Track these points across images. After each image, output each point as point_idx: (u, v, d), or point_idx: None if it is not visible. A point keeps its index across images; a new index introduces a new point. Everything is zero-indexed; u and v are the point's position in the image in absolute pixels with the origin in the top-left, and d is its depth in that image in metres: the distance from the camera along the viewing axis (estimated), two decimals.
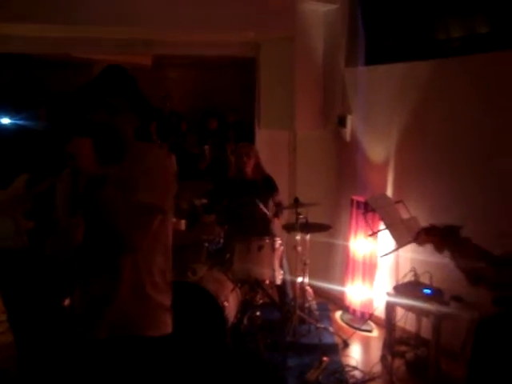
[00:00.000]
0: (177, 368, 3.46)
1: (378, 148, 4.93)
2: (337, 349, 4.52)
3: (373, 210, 3.58)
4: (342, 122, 5.24)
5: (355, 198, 4.90)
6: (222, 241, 4.79)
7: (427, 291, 4.06)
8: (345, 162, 5.36)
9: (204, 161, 7.38)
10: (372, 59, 5.09)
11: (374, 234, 3.61)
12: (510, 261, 2.29)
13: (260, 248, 4.38)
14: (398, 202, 3.78)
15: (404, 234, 3.20)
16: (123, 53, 5.83)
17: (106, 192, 1.92)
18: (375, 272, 4.93)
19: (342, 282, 5.27)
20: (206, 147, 7.48)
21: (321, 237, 4.92)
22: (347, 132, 5.20)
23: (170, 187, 2.13)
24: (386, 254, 3.99)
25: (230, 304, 4.26)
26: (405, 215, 3.60)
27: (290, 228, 4.69)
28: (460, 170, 4.18)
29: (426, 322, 4.15)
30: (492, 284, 2.33)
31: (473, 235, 2.41)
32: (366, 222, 4.26)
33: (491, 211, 3.41)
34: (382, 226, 3.97)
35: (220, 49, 5.89)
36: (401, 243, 3.14)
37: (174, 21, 4.82)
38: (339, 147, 5.40)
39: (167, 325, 2.23)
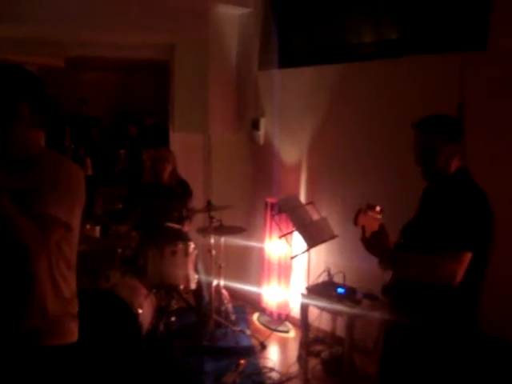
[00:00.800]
0: (89, 377, 3.37)
1: (291, 150, 4.99)
2: (254, 351, 4.52)
3: (283, 211, 3.61)
4: (255, 125, 5.27)
5: (269, 200, 4.93)
6: (136, 246, 4.69)
7: (340, 290, 4.13)
8: (259, 165, 5.39)
9: (119, 165, 7.23)
10: (285, 62, 5.14)
11: (284, 235, 3.63)
12: None
13: (173, 253, 4.35)
14: (308, 204, 3.83)
15: (314, 234, 3.24)
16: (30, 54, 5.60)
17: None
18: (290, 273, 4.97)
19: (259, 284, 5.29)
20: (122, 151, 7.33)
21: (236, 239, 4.92)
22: (261, 135, 5.23)
23: (77, 201, 2.05)
24: (297, 255, 4.03)
25: (145, 310, 4.17)
26: (315, 216, 3.65)
27: (203, 232, 4.66)
28: (369, 171, 4.30)
29: (340, 321, 4.23)
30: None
31: None
32: (276, 223, 4.30)
33: (400, 210, 3.46)
34: (292, 227, 4.01)
35: (133, 51, 5.79)
36: (311, 244, 3.18)
37: (83, 21, 4.69)
38: (253, 150, 5.42)
39: (73, 333, 2.15)
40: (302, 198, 4.77)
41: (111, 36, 5.23)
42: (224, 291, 4.87)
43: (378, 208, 2.38)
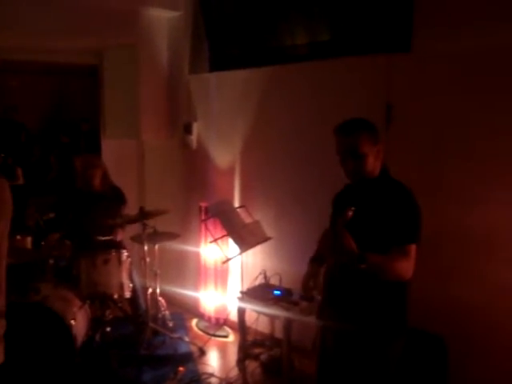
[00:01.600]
0: None
1: (224, 154, 4.98)
2: (193, 357, 4.48)
3: (214, 216, 3.59)
4: (187, 130, 5.22)
5: (203, 204, 4.90)
6: (69, 256, 4.56)
7: (277, 292, 4.15)
8: (193, 169, 5.35)
9: (51, 173, 7.02)
10: (216, 66, 5.13)
11: (215, 240, 3.61)
12: None
13: (106, 261, 4.26)
14: (240, 207, 3.83)
15: (246, 238, 3.23)
16: None
17: None
18: (227, 277, 4.96)
19: (196, 290, 5.25)
20: (53, 159, 7.12)
21: (172, 245, 4.87)
22: (193, 139, 5.19)
23: (1, 214, 1.96)
24: (229, 260, 4.02)
25: (79, 322, 4.06)
26: (247, 219, 3.64)
27: (137, 239, 4.58)
28: (302, 172, 4.34)
29: (278, 323, 4.24)
30: None
31: (310, 235, 2.50)
32: (207, 228, 4.28)
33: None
34: (224, 231, 3.99)
35: (62, 55, 5.64)
36: (243, 248, 3.17)
37: (8, 24, 4.54)
38: (186, 155, 5.37)
39: None
40: (236, 202, 4.78)
41: (38, 40, 5.06)
42: (161, 298, 4.80)
43: (350, 213, 2.26)
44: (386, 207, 2.36)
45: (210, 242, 4.60)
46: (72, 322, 3.93)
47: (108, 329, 4.35)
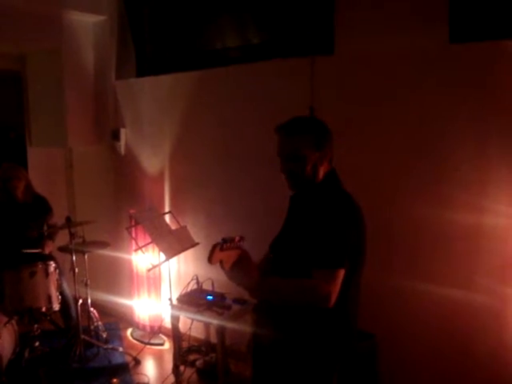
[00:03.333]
0: None
1: (153, 160, 4.93)
2: (128, 368, 4.40)
3: (138, 223, 3.54)
4: (115, 136, 5.13)
5: (132, 211, 4.82)
6: None
7: (210, 297, 4.13)
8: (122, 176, 5.26)
9: None
10: (143, 71, 5.06)
11: (139, 248, 3.56)
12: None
13: (32, 274, 4.13)
14: (166, 213, 3.79)
15: (172, 244, 3.19)
16: None
17: None
18: (160, 284, 4.90)
19: (130, 298, 5.17)
20: None
21: (103, 254, 4.77)
22: (122, 145, 5.11)
23: None
24: (155, 267, 3.97)
25: (4, 339, 3.90)
26: (174, 225, 3.61)
27: (65, 249, 4.46)
28: (232, 176, 4.34)
29: (213, 328, 4.23)
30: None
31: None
32: (132, 236, 4.22)
33: (268, 217, 3.47)
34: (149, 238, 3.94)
35: None
36: (169, 254, 3.13)
37: None
38: (115, 161, 5.28)
39: None
40: (166, 208, 4.74)
41: None
42: (92, 309, 4.69)
43: (236, 238, 2.06)
44: (314, 222, 2.11)
45: (135, 250, 4.54)
46: None
47: (37, 343, 4.23)
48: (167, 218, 4.26)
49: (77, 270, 4.35)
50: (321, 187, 2.22)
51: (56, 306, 4.29)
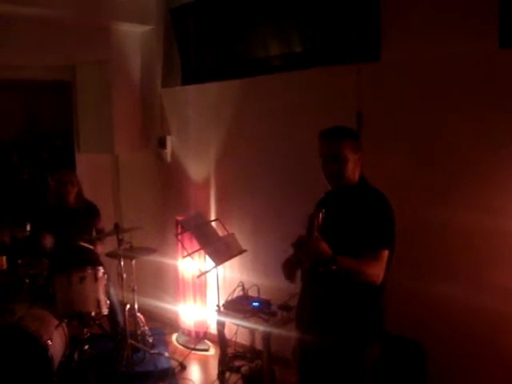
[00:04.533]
0: None
1: (199, 167, 4.98)
2: (173, 372, 4.44)
3: (186, 230, 3.57)
4: (161, 144, 5.22)
5: (179, 218, 4.87)
6: (46, 275, 4.50)
7: (255, 304, 4.15)
8: (168, 183, 5.34)
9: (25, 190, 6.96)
10: (188, 79, 5.14)
11: (189, 254, 3.60)
12: None
13: (82, 279, 4.20)
14: (214, 220, 3.82)
15: (221, 251, 3.22)
16: None
17: None
18: (206, 290, 4.94)
19: (175, 304, 5.22)
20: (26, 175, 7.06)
21: (150, 260, 4.84)
22: (168, 153, 5.19)
23: None
24: (204, 274, 4.00)
25: (55, 341, 4.01)
26: (222, 232, 3.64)
27: (113, 255, 4.54)
28: (278, 182, 4.35)
29: (259, 335, 4.23)
30: None
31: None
32: (181, 243, 4.26)
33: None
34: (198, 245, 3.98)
35: (33, 72, 5.58)
36: (218, 261, 3.16)
37: None
38: (161, 168, 5.37)
39: None
40: (212, 215, 4.78)
41: (9, 56, 4.99)
42: (139, 314, 4.75)
43: (320, 214, 2.31)
44: (361, 213, 2.42)
45: (184, 257, 4.58)
46: (48, 342, 3.87)
47: (86, 347, 4.29)
48: (214, 224, 4.29)
49: (124, 275, 4.43)
50: (360, 185, 2.54)
51: (105, 311, 4.35)
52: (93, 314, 4.27)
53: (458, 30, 3.28)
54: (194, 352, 4.82)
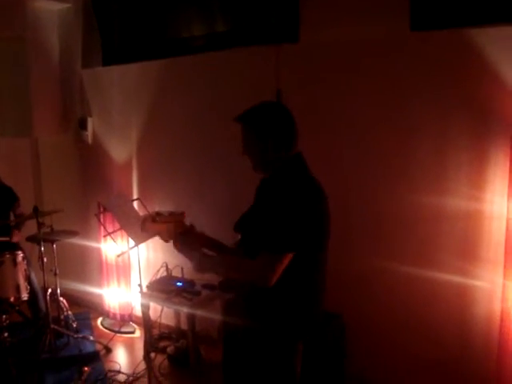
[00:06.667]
0: None
1: (120, 149, 4.92)
2: (98, 356, 4.41)
3: (107, 210, 3.54)
4: (82, 125, 5.10)
5: (101, 199, 4.81)
6: None
7: (179, 284, 4.17)
8: (89, 165, 5.24)
9: None
10: (109, 60, 5.03)
11: (108, 234, 3.57)
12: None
13: (0, 264, 4.08)
14: (135, 200, 3.80)
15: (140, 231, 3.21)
16: None
17: None
18: (130, 272, 4.91)
19: (100, 287, 5.17)
20: None
21: (72, 243, 4.76)
22: (89, 135, 5.08)
23: None
24: (123, 253, 3.98)
25: None
26: (142, 213, 3.63)
27: (33, 239, 4.43)
28: (200, 163, 4.37)
29: (183, 314, 4.25)
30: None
31: (209, 229, 2.51)
32: (101, 223, 4.23)
33: (236, 202, 3.51)
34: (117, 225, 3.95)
35: None
36: (137, 241, 3.15)
37: None
38: (83, 150, 5.25)
39: None
40: (134, 196, 4.74)
41: None
42: (62, 299, 4.66)
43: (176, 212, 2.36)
44: (272, 203, 2.16)
45: (104, 236, 4.53)
46: None
47: (6, 334, 4.18)
48: (135, 204, 4.27)
49: (45, 259, 4.33)
50: (285, 170, 2.26)
51: (25, 296, 4.27)
52: (12, 299, 4.20)
53: (372, 12, 3.38)
54: (119, 335, 4.80)
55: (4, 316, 4.19)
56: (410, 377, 3.52)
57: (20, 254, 4.30)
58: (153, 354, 4.19)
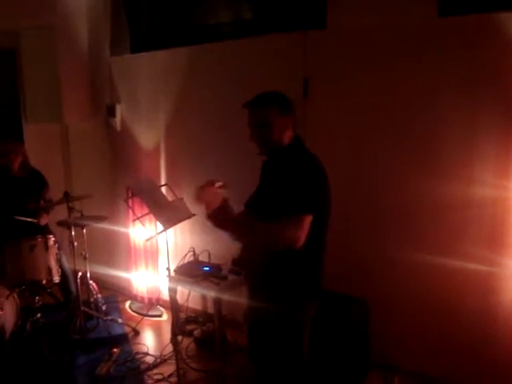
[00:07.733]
0: None
1: (148, 135, 4.99)
2: (127, 338, 4.50)
3: (135, 195, 3.60)
4: (111, 112, 5.17)
5: (130, 184, 4.87)
6: None
7: (206, 268, 4.24)
8: (118, 152, 5.33)
9: None
10: (137, 47, 5.09)
11: (137, 218, 3.64)
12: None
13: (32, 248, 4.20)
14: (163, 186, 3.86)
15: (169, 215, 3.26)
16: None
17: None
18: (158, 257, 4.99)
19: (128, 271, 5.26)
20: None
21: (101, 228, 4.85)
22: (117, 121, 5.16)
23: None
24: (152, 238, 4.05)
25: (6, 311, 3.97)
26: (170, 197, 3.68)
27: (64, 224, 4.53)
28: (227, 149, 4.40)
29: (210, 298, 4.32)
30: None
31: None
32: (130, 207, 4.30)
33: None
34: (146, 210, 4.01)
35: None
36: (166, 225, 3.21)
37: None
38: (111, 137, 5.34)
39: None
40: (162, 181, 4.81)
41: None
42: (92, 282, 4.77)
43: (217, 184, 2.46)
44: (283, 177, 2.40)
45: (133, 221, 4.60)
46: None
47: (38, 315, 4.30)
48: (164, 190, 4.32)
49: (76, 243, 4.43)
50: (288, 150, 2.51)
51: (56, 279, 4.37)
52: (44, 281, 4.29)
53: None
54: (146, 318, 4.89)
55: (37, 298, 4.31)
56: (433, 360, 3.55)
57: (52, 238, 4.40)
58: (180, 337, 4.25)
